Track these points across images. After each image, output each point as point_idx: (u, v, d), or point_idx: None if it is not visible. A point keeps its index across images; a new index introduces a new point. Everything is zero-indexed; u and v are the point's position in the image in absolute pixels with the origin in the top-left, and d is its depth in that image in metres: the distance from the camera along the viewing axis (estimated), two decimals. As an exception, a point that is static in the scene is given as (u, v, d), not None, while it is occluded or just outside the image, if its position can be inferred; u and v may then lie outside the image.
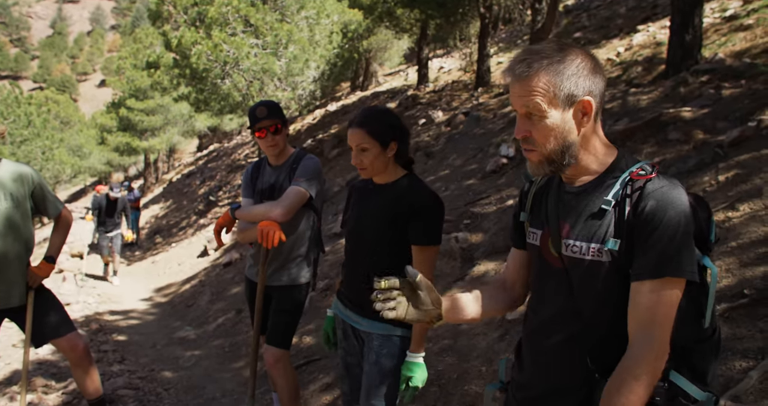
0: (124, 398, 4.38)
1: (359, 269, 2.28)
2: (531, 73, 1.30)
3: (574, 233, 1.36)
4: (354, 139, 2.16)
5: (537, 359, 1.48)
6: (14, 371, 5.13)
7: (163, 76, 13.31)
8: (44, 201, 3.28)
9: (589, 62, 1.32)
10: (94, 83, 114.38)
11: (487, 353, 3.42)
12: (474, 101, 11.13)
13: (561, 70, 1.29)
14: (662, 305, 1.22)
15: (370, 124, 2.15)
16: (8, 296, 3.11)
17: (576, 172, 1.38)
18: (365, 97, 18.49)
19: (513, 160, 6.43)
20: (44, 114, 25.28)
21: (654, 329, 1.22)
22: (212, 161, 25.43)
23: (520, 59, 1.33)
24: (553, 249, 1.41)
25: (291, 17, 11.65)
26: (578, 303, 1.36)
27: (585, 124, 1.32)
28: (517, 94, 1.33)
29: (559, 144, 1.32)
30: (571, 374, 1.38)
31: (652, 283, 1.23)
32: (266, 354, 3.06)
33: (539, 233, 1.48)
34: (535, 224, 1.51)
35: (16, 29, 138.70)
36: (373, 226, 2.21)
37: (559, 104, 1.29)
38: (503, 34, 19.66)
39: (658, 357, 1.22)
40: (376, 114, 2.22)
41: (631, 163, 1.33)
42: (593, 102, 1.31)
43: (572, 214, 1.38)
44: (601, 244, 1.30)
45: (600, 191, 1.33)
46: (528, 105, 1.31)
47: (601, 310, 1.33)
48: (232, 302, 7.01)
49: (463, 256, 4.71)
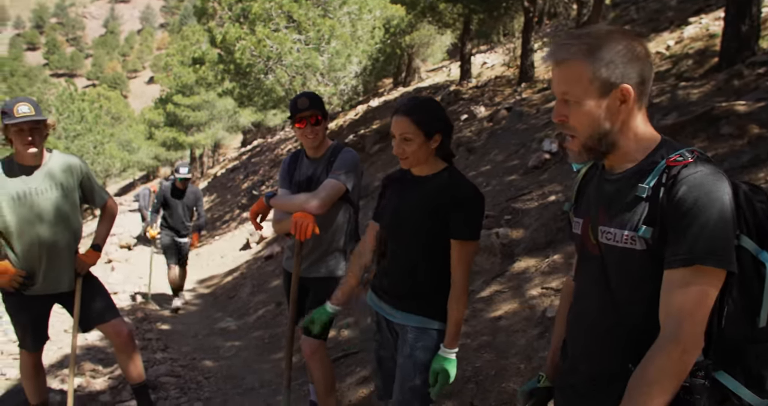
0: (166, 385, 4.48)
1: (393, 261, 2.24)
2: (568, 57, 1.29)
3: (609, 219, 1.34)
4: (398, 128, 2.10)
5: (578, 347, 1.47)
6: (65, 355, 5.31)
7: (208, 71, 13.59)
8: (91, 191, 3.38)
9: (632, 48, 1.28)
10: (144, 80, 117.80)
11: (526, 351, 3.36)
12: (517, 96, 10.96)
13: (599, 56, 1.26)
14: (692, 295, 1.17)
15: (417, 113, 2.09)
16: (58, 281, 3.22)
17: (616, 159, 1.36)
18: (407, 93, 18.44)
19: (556, 155, 6.31)
20: (96, 110, 26.15)
21: (683, 320, 1.17)
22: (256, 156, 25.83)
23: (560, 44, 1.32)
24: (592, 236, 1.40)
25: (333, 13, 11.70)
26: (614, 291, 1.34)
27: (623, 112, 1.29)
28: (556, 79, 1.33)
29: (595, 131, 1.30)
30: (610, 363, 1.36)
31: (683, 271, 1.18)
32: (303, 345, 3.07)
33: (581, 221, 1.47)
34: (578, 213, 1.51)
35: (72, 29, 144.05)
36: (413, 218, 2.16)
37: (595, 91, 1.27)
38: (548, 29, 19.30)
39: (686, 351, 1.16)
40: (422, 103, 2.16)
41: (672, 151, 1.29)
42: (632, 89, 1.27)
43: (609, 201, 1.36)
44: (634, 231, 1.27)
45: (637, 179, 1.30)
46: (565, 91, 1.30)
47: (636, 298, 1.31)
48: (273, 295, 7.10)
49: (503, 252, 4.64)
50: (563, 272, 3.96)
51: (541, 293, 3.87)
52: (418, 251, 2.17)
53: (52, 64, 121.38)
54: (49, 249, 3.14)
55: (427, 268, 2.17)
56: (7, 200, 3.03)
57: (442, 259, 2.16)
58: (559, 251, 4.25)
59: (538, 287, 3.95)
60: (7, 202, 3.03)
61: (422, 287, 2.19)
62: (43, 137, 3.10)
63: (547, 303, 3.70)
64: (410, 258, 2.18)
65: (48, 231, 3.12)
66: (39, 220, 3.11)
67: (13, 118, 2.93)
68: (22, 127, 2.96)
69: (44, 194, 3.12)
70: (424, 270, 2.18)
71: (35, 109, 2.99)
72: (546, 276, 4.03)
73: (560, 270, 4.01)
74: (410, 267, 2.19)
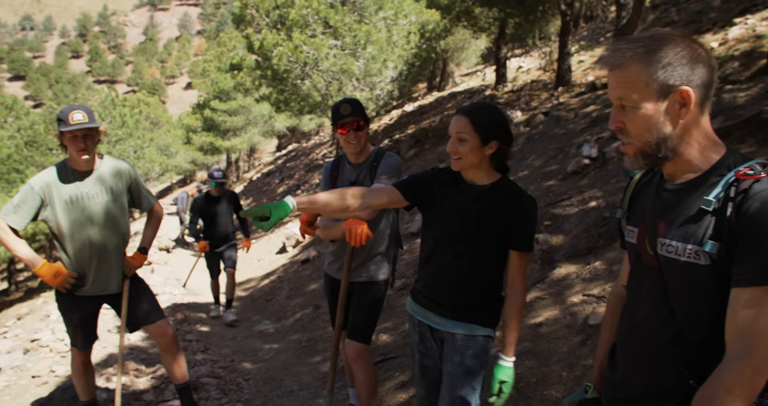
0: (206, 386, 4.55)
1: (447, 269, 2.21)
2: (624, 62, 1.26)
3: (670, 232, 1.29)
4: (456, 127, 2.10)
5: (631, 361, 1.43)
6: (109, 354, 5.45)
7: (246, 77, 13.78)
8: (139, 195, 3.47)
9: (690, 50, 1.24)
10: (181, 86, 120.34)
11: (568, 358, 3.32)
12: (554, 101, 10.84)
13: (656, 59, 1.23)
14: (764, 316, 1.12)
15: (476, 115, 2.09)
16: (107, 283, 3.31)
17: (677, 167, 1.31)
18: (442, 98, 18.41)
19: (596, 161, 6.21)
20: (136, 115, 26.76)
21: (754, 341, 1.12)
22: (291, 161, 26.09)
23: (615, 48, 1.30)
24: (649, 247, 1.36)
25: (369, 18, 11.77)
26: (673, 305, 1.30)
27: (683, 116, 1.25)
28: (612, 85, 1.30)
29: (653, 136, 1.27)
30: (666, 379, 1.32)
31: (753, 290, 1.14)
32: (348, 349, 3.09)
33: (636, 230, 1.43)
34: (632, 222, 1.47)
35: (114, 37, 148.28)
36: (473, 228, 2.13)
37: (653, 94, 1.24)
38: (584, 32, 19.03)
39: (757, 372, 1.12)
40: (485, 108, 2.16)
41: (740, 162, 1.24)
42: (692, 92, 1.23)
43: (670, 212, 1.31)
44: (698, 245, 1.23)
45: (701, 190, 1.26)
46: (621, 96, 1.28)
47: (697, 314, 1.26)
48: (310, 298, 7.15)
49: (543, 258, 4.59)
50: (605, 279, 3.90)
51: (582, 300, 3.81)
52: (477, 260, 2.16)
53: (95, 71, 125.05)
54: (99, 251, 3.23)
55: (483, 277, 2.18)
56: (61, 204, 3.14)
57: (496, 268, 2.19)
58: (601, 258, 4.18)
59: (579, 294, 3.89)
60: (61, 205, 3.14)
61: (477, 296, 2.19)
62: (96, 143, 3.19)
63: (589, 310, 3.65)
64: (467, 268, 2.17)
65: (98, 234, 3.21)
66: (90, 223, 3.20)
67: (68, 125, 3.02)
68: (76, 134, 3.06)
69: (95, 198, 3.21)
70: (480, 280, 2.18)
71: (89, 116, 3.08)
72: (587, 283, 3.98)
73: (602, 277, 3.95)
74: (466, 277, 2.18)
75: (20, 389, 4.77)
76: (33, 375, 5.07)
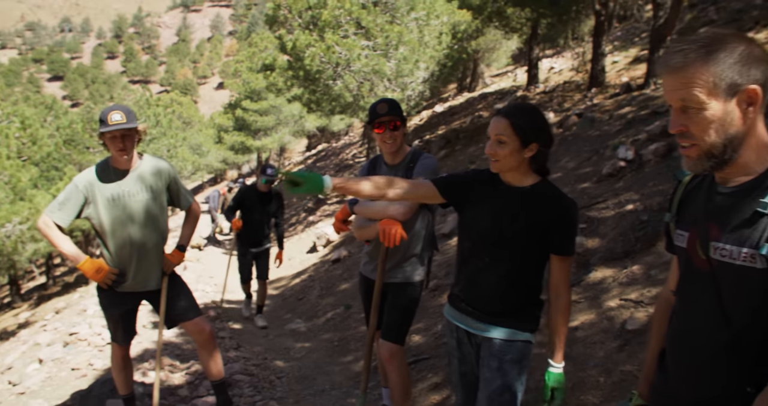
0: (240, 383, 4.60)
1: (486, 273, 2.17)
2: (687, 63, 1.23)
3: (724, 235, 1.27)
4: (495, 128, 2.06)
5: (683, 368, 1.40)
6: (144, 349, 5.55)
7: (278, 77, 13.90)
8: (178, 194, 3.52)
9: (751, 50, 1.22)
10: (213, 86, 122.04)
11: (605, 363, 3.27)
12: (588, 102, 10.70)
13: (721, 59, 1.20)
14: None
15: (516, 117, 2.05)
16: (146, 280, 3.37)
17: (732, 170, 1.28)
18: (473, 99, 18.33)
19: (632, 163, 6.10)
20: (169, 115, 27.22)
21: None
22: (321, 160, 26.27)
23: (675, 50, 1.26)
24: (701, 251, 1.33)
25: (401, 19, 11.77)
26: (727, 310, 1.27)
27: (750, 115, 1.22)
28: (672, 87, 1.27)
29: (720, 137, 1.23)
30: (721, 386, 1.29)
31: None
32: (382, 349, 3.10)
33: (686, 234, 1.40)
34: (682, 226, 1.44)
35: (148, 38, 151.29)
36: (511, 231, 2.09)
37: (721, 94, 1.21)
38: (618, 32, 18.71)
39: None
40: (525, 109, 2.12)
41: None
42: (759, 90, 1.20)
43: (723, 215, 1.29)
44: (754, 249, 1.20)
45: (757, 193, 1.23)
46: (684, 98, 1.24)
47: (753, 319, 1.23)
48: (341, 298, 7.19)
49: (578, 261, 4.53)
50: (643, 284, 3.84)
51: (619, 305, 3.75)
52: (515, 264, 2.12)
53: (129, 72, 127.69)
54: (139, 249, 3.29)
55: (521, 281, 2.15)
56: (103, 202, 3.20)
57: (536, 272, 2.16)
58: (639, 262, 4.11)
59: (616, 299, 3.83)
60: (103, 203, 3.20)
61: (515, 300, 2.16)
62: (135, 143, 3.23)
63: (627, 315, 3.59)
64: (505, 271, 2.13)
65: (138, 232, 3.27)
66: (130, 221, 3.26)
67: (107, 126, 3.08)
68: (115, 134, 3.11)
69: (135, 197, 3.27)
70: (518, 283, 2.15)
71: (127, 116, 3.11)
72: (625, 287, 3.91)
73: (640, 282, 3.88)
74: (504, 281, 2.14)
75: (61, 381, 4.89)
76: (72, 368, 5.20)
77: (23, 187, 10.46)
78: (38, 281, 20.71)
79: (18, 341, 8.48)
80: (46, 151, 13.68)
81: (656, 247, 4.18)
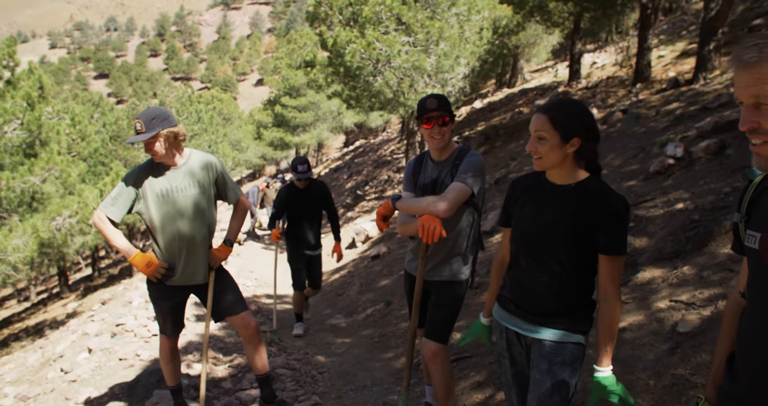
0: (282, 377, 4.66)
1: (533, 274, 2.13)
2: (763, 58, 1.18)
3: None
4: (535, 125, 2.04)
5: (754, 372, 1.35)
6: (188, 342, 5.67)
7: (319, 74, 13.98)
8: (225, 188, 3.56)
9: None
10: (252, 82, 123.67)
11: (655, 366, 3.18)
12: (633, 98, 10.44)
13: None
14: None
15: (555, 112, 2.01)
16: (194, 274, 3.42)
17: None
18: (512, 94, 18.10)
19: (681, 161, 5.93)
20: (210, 111, 27.73)
21: None
22: (358, 157, 26.34)
23: (748, 45, 1.22)
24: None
25: (442, 14, 11.69)
26: None
27: None
28: (745, 83, 1.22)
29: None
30: None
31: None
32: (424, 348, 3.08)
33: (758, 235, 1.34)
34: (753, 226, 1.38)
35: (189, 36, 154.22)
36: (557, 231, 2.05)
37: None
38: (664, 26, 18.22)
39: None
40: (564, 104, 2.07)
41: None
42: None
43: None
44: None
45: None
46: (758, 94, 1.20)
47: None
48: (381, 294, 7.20)
49: (626, 261, 4.43)
50: (694, 285, 3.72)
51: (669, 306, 3.65)
52: (561, 265, 2.06)
53: (171, 69, 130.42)
54: (188, 243, 3.34)
55: (569, 282, 2.08)
56: (153, 198, 3.27)
57: (585, 272, 2.08)
58: (689, 263, 3.99)
59: (665, 300, 3.73)
60: (153, 199, 3.27)
61: (564, 301, 2.10)
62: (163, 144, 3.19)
63: (678, 317, 3.49)
64: (552, 273, 2.08)
65: (187, 226, 3.33)
66: (180, 216, 3.32)
67: (130, 136, 3.16)
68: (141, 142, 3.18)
69: (185, 192, 3.32)
70: (566, 284, 2.08)
71: (146, 125, 3.11)
72: (675, 288, 3.80)
73: (691, 283, 3.76)
74: (551, 282, 2.09)
75: (109, 371, 5.03)
76: (120, 358, 5.34)
77: (72, 182, 10.78)
78: (84, 273, 21.39)
79: (67, 330, 8.77)
80: (94, 147, 14.07)
81: (708, 247, 4.05)
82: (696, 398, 1.60)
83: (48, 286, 22.20)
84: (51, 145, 10.08)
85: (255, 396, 4.10)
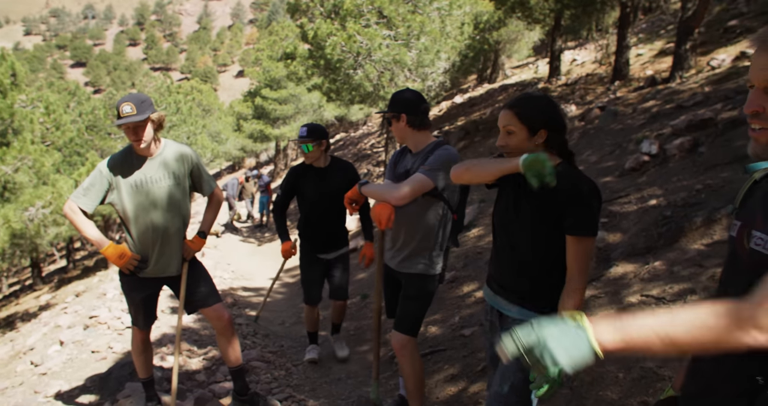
0: (256, 370, 4.64)
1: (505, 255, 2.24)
2: None
3: (765, 224, 1.22)
4: (503, 120, 2.12)
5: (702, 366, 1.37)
6: (163, 334, 5.61)
7: (299, 66, 13.89)
8: (200, 180, 3.52)
9: None
10: (232, 74, 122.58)
11: (624, 359, 3.23)
12: (611, 95, 10.55)
13: None
14: None
15: (520, 107, 2.10)
16: (167, 265, 3.38)
17: None
18: (493, 90, 18.18)
19: (656, 158, 6.01)
20: (189, 102, 27.43)
21: None
22: (339, 150, 26.28)
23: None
24: (746, 241, 1.27)
25: (423, 8, 11.68)
26: None
27: None
28: (763, 65, 1.20)
29: None
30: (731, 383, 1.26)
31: None
32: (393, 340, 3.11)
33: (739, 224, 1.35)
34: (739, 216, 1.38)
35: (169, 26, 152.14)
36: (520, 211, 2.14)
37: None
38: (643, 25, 18.42)
39: None
40: (530, 98, 2.14)
41: None
42: None
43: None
44: None
45: None
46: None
47: None
48: (358, 287, 7.19)
49: (599, 255, 4.49)
50: (665, 280, 3.78)
51: (640, 301, 3.71)
52: (530, 246, 2.13)
53: (150, 59, 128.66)
54: (162, 235, 3.30)
55: (539, 264, 2.14)
56: (127, 188, 3.22)
57: (556, 254, 2.10)
58: (661, 258, 4.06)
59: (637, 295, 3.79)
60: (127, 190, 3.22)
61: (535, 283, 2.17)
62: (149, 131, 3.16)
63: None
64: (522, 253, 2.16)
65: (161, 217, 3.29)
66: (153, 207, 3.28)
67: (118, 119, 3.09)
68: (128, 125, 3.11)
69: (159, 183, 3.28)
70: (536, 265, 2.15)
71: (138, 107, 3.06)
72: (646, 283, 3.86)
73: (662, 278, 3.83)
74: (522, 262, 2.17)
75: (81, 363, 4.97)
76: (92, 350, 5.27)
77: (46, 172, 10.61)
78: (59, 265, 21.06)
79: (39, 322, 8.64)
80: (69, 137, 13.85)
81: (679, 243, 4.12)
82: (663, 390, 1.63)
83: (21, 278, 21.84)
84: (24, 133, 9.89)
85: (229, 389, 4.07)
